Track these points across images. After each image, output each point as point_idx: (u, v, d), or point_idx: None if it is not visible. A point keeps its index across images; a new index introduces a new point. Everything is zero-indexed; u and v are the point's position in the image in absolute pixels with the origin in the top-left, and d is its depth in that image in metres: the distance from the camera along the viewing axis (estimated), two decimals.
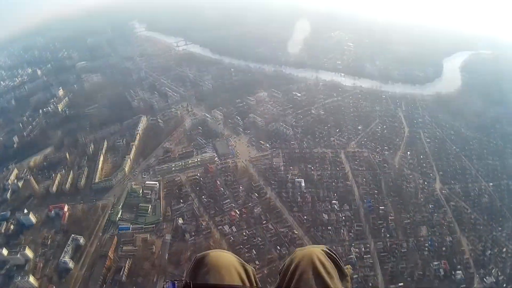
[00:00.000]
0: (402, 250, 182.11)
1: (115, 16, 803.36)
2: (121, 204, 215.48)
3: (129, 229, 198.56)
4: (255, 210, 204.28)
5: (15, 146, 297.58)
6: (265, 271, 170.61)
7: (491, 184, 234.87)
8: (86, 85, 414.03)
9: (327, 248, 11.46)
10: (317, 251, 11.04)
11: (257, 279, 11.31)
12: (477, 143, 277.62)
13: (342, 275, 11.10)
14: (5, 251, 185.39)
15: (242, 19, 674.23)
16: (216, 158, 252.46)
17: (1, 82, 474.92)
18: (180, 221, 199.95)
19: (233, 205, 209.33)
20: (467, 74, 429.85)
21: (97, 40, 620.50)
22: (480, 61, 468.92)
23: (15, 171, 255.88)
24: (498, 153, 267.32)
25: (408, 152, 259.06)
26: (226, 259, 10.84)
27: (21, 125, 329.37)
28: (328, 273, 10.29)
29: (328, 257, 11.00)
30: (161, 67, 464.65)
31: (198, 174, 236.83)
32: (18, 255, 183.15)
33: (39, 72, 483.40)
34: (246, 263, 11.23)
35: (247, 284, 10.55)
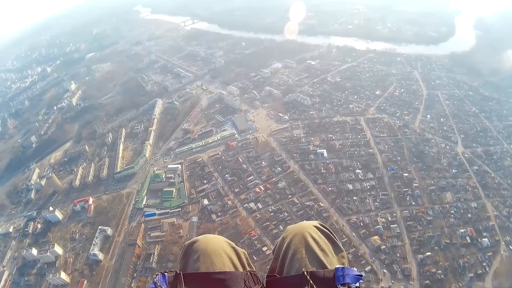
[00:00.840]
0: (428, 218, 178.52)
1: (118, 4, 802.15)
2: (145, 190, 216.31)
3: (155, 215, 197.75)
4: (280, 185, 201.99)
5: (34, 145, 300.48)
6: None
7: None
8: (97, 76, 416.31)
9: (319, 223, 11.13)
10: (309, 227, 10.79)
11: (250, 262, 11.04)
12: (496, 103, 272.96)
13: (336, 250, 10.60)
14: (34, 251, 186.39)
15: None
16: (236, 135, 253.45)
17: (12, 85, 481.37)
18: (206, 201, 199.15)
19: (257, 181, 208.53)
20: (481, 31, 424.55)
21: (103, 30, 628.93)
22: (493, 17, 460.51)
23: (37, 171, 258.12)
24: None
25: (428, 116, 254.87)
26: (216, 244, 10.60)
27: (37, 124, 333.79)
28: (322, 250, 10.08)
29: (321, 232, 10.71)
30: (171, 48, 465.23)
31: (220, 153, 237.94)
32: (48, 253, 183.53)
33: (48, 69, 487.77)
34: (237, 246, 10.95)
35: (240, 268, 10.33)
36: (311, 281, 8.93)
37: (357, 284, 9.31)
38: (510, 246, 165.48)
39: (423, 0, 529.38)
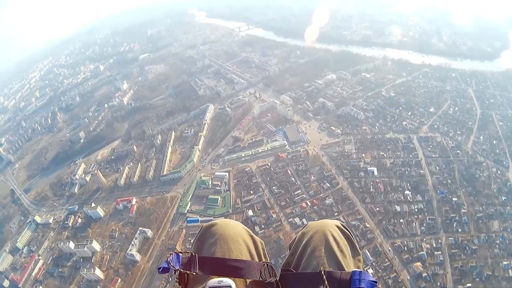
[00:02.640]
0: (473, 247, 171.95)
1: (173, 6, 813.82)
2: (190, 195, 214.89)
3: (198, 221, 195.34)
4: (327, 201, 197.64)
5: (82, 141, 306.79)
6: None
7: None
8: (150, 77, 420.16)
9: (341, 223, 10.91)
10: (331, 226, 10.62)
11: (266, 253, 10.75)
12: None
13: (354, 252, 10.34)
14: (72, 245, 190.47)
15: None
16: (286, 146, 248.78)
17: (64, 80, 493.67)
18: (250, 212, 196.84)
19: (305, 196, 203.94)
20: None
21: (158, 31, 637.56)
22: None
23: (83, 166, 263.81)
24: None
25: (481, 137, 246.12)
26: (234, 230, 10.33)
27: (86, 120, 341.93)
28: (341, 251, 9.89)
29: (342, 233, 10.48)
30: (225, 53, 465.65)
31: (269, 163, 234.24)
32: (85, 248, 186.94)
33: (101, 67, 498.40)
34: (255, 235, 10.65)
35: (256, 258, 10.11)
36: (326, 282, 8.67)
37: None
38: None
39: (478, 12, 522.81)
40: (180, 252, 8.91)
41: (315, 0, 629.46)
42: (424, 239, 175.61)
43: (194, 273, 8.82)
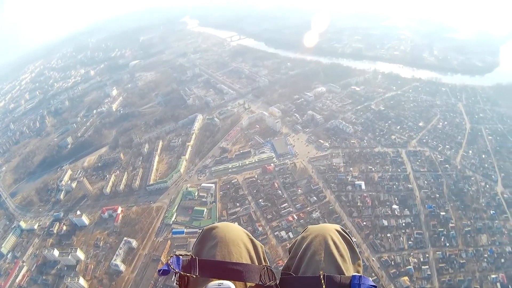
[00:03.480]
0: (461, 261, 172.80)
1: (166, 13, 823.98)
2: (176, 206, 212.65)
3: (183, 233, 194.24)
4: (314, 215, 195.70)
5: (69, 146, 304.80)
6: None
7: None
8: (140, 84, 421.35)
9: (341, 227, 11.08)
10: (331, 230, 10.78)
11: (266, 257, 10.92)
12: None
13: (354, 257, 10.51)
14: (56, 252, 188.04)
15: (297, 10, 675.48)
16: (274, 158, 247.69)
17: (55, 84, 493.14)
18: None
19: (291, 209, 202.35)
20: None
21: (150, 38, 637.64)
22: None
23: (69, 172, 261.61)
24: None
25: (470, 151, 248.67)
26: (234, 233, 10.50)
27: (75, 125, 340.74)
28: (341, 255, 10.04)
29: (342, 237, 10.67)
30: (215, 63, 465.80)
31: (256, 176, 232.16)
32: (70, 256, 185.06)
33: (92, 72, 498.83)
34: (255, 239, 10.83)
35: (256, 261, 10.27)
36: (324, 286, 8.85)
37: None
38: None
39: (470, 27, 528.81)
40: (181, 255, 9.12)
41: (310, 12, 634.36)
42: (412, 254, 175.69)
43: (194, 276, 8.93)
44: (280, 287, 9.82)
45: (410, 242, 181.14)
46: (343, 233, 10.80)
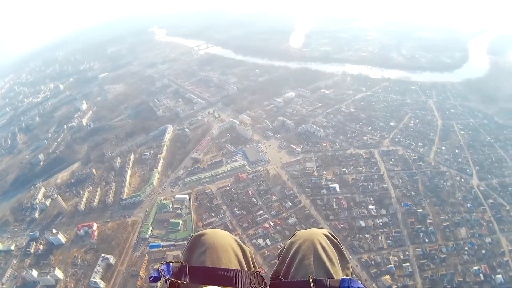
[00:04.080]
0: (442, 256, 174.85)
1: (135, 23, 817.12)
2: (151, 220, 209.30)
3: (160, 246, 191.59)
4: (290, 220, 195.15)
5: (41, 163, 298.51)
6: None
7: None
8: (109, 97, 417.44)
9: (329, 232, 11.31)
10: (319, 235, 10.93)
11: (255, 262, 11.01)
12: (511, 131, 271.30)
13: (343, 260, 10.74)
14: (35, 273, 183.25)
15: (264, 15, 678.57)
16: (246, 166, 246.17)
17: (25, 100, 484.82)
18: None
19: (267, 216, 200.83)
20: (495, 56, 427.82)
21: (118, 49, 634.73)
22: (507, 42, 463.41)
23: (43, 190, 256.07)
24: None
25: (443, 147, 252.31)
26: (223, 239, 10.57)
27: (46, 142, 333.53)
28: (330, 259, 10.12)
29: (330, 241, 10.80)
30: (184, 73, 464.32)
31: (229, 184, 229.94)
32: (48, 276, 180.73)
33: (61, 86, 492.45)
34: (244, 244, 10.89)
35: (245, 267, 10.32)
36: None
37: None
38: None
39: (437, 25, 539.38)
40: (171, 262, 9.11)
41: (277, 18, 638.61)
42: (392, 252, 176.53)
43: (185, 282, 8.96)
44: None
45: (389, 241, 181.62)
46: (332, 237, 11.00)
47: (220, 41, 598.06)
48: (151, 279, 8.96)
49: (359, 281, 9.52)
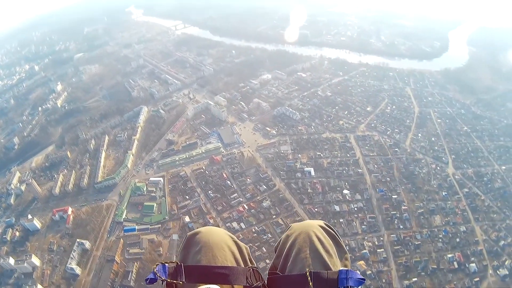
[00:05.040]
0: (416, 243, 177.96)
1: (111, 3, 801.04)
2: (126, 203, 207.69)
3: (135, 230, 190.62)
4: (264, 204, 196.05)
5: (16, 147, 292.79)
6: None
7: (504, 167, 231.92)
8: (84, 77, 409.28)
9: (324, 223, 10.98)
10: (315, 226, 10.63)
11: (252, 258, 10.80)
12: (488, 122, 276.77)
13: (340, 251, 10.45)
14: (12, 261, 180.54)
15: None
16: (221, 148, 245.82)
17: (0, 82, 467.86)
18: (187, 219, 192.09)
19: (241, 199, 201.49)
20: (474, 47, 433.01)
21: (94, 29, 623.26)
22: (487, 34, 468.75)
23: (18, 174, 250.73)
24: (510, 133, 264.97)
25: (419, 134, 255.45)
26: (218, 237, 10.42)
27: (21, 125, 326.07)
28: (327, 251, 9.94)
29: (326, 233, 10.52)
30: (160, 53, 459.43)
31: (204, 167, 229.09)
32: (25, 264, 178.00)
33: (36, 67, 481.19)
34: (239, 241, 10.74)
35: (241, 263, 10.17)
36: (311, 283, 8.77)
37: None
38: (498, 271, 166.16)
39: (418, 13, 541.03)
40: (166, 262, 8.97)
41: (254, 0, 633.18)
42: (366, 238, 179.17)
43: (181, 282, 8.85)
44: (267, 287, 9.94)
45: (363, 227, 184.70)
46: (328, 228, 10.69)
47: (197, 22, 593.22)
48: (147, 281, 8.65)
49: (357, 271, 9.41)
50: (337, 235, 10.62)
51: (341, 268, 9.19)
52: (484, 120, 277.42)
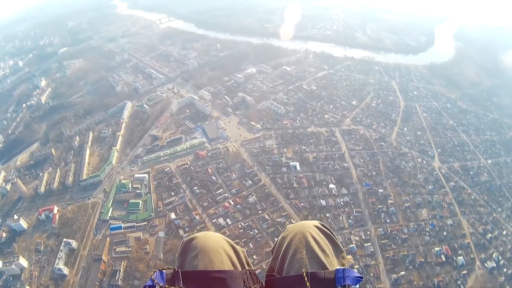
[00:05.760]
0: (403, 236, 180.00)
1: None
2: (111, 201, 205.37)
3: (121, 228, 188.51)
4: (250, 199, 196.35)
5: (0, 145, 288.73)
6: (264, 266, 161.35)
7: (490, 161, 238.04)
8: (69, 73, 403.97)
9: (320, 223, 11.11)
10: (310, 227, 10.75)
11: (249, 261, 11.00)
12: (474, 116, 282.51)
13: (337, 250, 10.58)
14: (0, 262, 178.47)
15: None
16: (206, 143, 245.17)
17: None
18: (173, 216, 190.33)
19: (227, 194, 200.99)
20: (460, 42, 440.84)
21: (79, 23, 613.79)
22: (473, 29, 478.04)
23: (3, 173, 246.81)
24: (495, 127, 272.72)
25: (405, 128, 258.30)
26: (214, 241, 10.50)
27: (5, 122, 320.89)
28: (323, 250, 10.03)
29: (322, 232, 10.64)
30: (144, 47, 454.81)
31: (189, 162, 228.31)
32: (13, 266, 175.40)
33: (20, 63, 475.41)
34: (236, 244, 10.93)
35: (238, 267, 10.29)
36: (308, 283, 8.82)
37: (357, 286, 9.22)
38: (485, 264, 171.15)
39: (405, 8, 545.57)
40: (164, 269, 9.11)
41: None
42: (353, 232, 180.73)
43: None
44: None
45: (350, 221, 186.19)
46: (323, 228, 10.78)
47: (182, 15, 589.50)
48: None
49: (355, 269, 9.78)
50: (333, 235, 10.75)
51: (338, 267, 9.28)
52: (470, 114, 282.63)
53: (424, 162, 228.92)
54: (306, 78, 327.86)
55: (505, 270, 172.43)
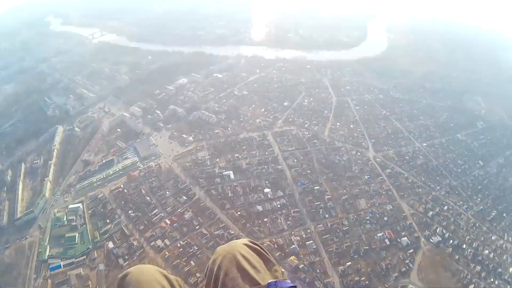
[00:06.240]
0: (344, 229, 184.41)
1: (29, 14, 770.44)
2: (47, 238, 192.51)
3: (61, 267, 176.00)
4: (186, 216, 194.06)
5: None
6: None
7: (425, 144, 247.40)
8: None
9: (249, 240, 11.50)
10: (239, 246, 11.08)
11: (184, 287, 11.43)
12: (407, 104, 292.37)
13: (268, 264, 10.93)
14: None
15: None
16: (138, 163, 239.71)
17: None
18: (111, 244, 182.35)
19: (162, 214, 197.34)
20: (393, 35, 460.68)
21: (11, 44, 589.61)
22: (405, 21, 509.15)
23: None
24: (429, 112, 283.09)
25: (338, 123, 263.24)
26: (147, 275, 10.60)
27: None
28: (254, 267, 10.36)
29: (251, 249, 11.03)
30: (76, 65, 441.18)
31: (122, 185, 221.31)
32: None
33: None
34: (169, 274, 11.02)
35: None
36: None
37: None
38: (431, 239, 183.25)
39: (337, 6, 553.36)
40: None
41: (172, 2, 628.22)
42: (293, 233, 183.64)
43: None
44: None
45: (289, 222, 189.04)
46: (252, 245, 11.25)
47: (114, 28, 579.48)
48: None
49: (287, 280, 9.74)
50: (263, 249, 11.27)
51: (270, 281, 9.53)
52: (403, 102, 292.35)
53: (359, 153, 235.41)
54: (237, 84, 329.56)
55: (451, 241, 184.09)
